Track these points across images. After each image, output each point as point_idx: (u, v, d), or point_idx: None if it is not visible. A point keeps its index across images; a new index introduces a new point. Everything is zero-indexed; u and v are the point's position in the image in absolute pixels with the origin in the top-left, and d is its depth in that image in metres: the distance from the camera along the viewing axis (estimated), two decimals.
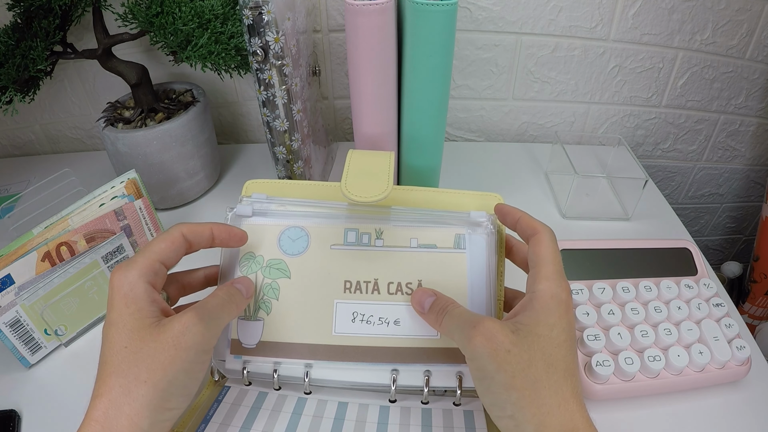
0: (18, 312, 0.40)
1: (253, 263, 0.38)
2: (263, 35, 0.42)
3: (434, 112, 0.48)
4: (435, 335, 0.36)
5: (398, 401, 0.36)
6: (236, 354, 0.37)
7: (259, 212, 0.39)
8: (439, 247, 0.37)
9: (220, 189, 0.63)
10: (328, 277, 0.37)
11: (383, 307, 0.37)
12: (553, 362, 0.27)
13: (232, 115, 0.72)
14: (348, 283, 0.37)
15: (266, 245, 0.38)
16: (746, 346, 0.40)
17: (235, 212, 0.38)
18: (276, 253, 0.38)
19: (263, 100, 0.46)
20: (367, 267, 0.37)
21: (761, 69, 0.71)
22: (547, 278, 0.30)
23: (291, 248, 0.38)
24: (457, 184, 0.64)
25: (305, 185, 0.41)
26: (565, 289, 0.30)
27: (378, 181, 0.37)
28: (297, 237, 0.38)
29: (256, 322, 0.37)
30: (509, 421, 0.27)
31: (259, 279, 0.38)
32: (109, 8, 0.53)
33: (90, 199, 0.45)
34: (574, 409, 0.26)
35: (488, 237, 0.37)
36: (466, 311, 0.31)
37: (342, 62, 0.67)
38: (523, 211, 0.35)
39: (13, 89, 0.49)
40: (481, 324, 0.28)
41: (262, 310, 0.37)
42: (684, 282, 0.45)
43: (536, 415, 0.26)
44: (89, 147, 0.74)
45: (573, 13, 0.63)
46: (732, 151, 0.81)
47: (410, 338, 0.36)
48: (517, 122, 0.74)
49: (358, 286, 0.37)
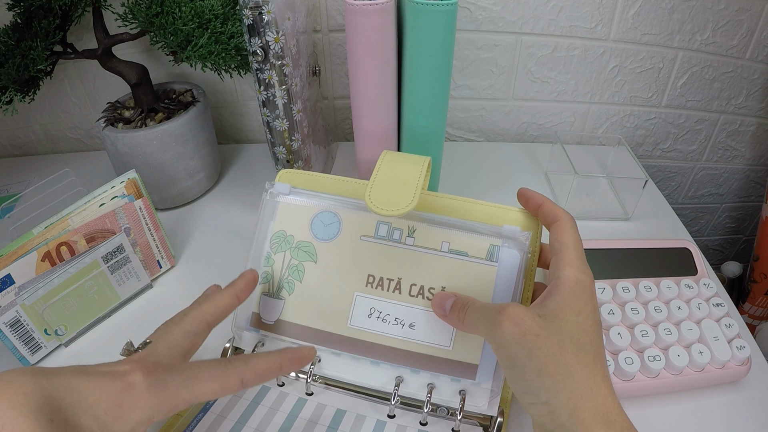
0: (18, 312, 0.40)
1: (283, 242, 0.38)
2: (263, 35, 0.42)
3: (434, 112, 0.48)
4: (447, 346, 0.35)
5: (396, 417, 0.36)
6: (255, 327, 0.38)
7: (295, 191, 0.39)
8: (470, 255, 0.36)
9: (220, 189, 0.63)
10: (353, 268, 0.37)
11: (402, 308, 0.36)
12: (583, 346, 0.27)
13: (232, 115, 0.72)
14: (371, 277, 0.37)
15: (298, 226, 0.38)
16: (746, 346, 0.40)
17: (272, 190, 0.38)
18: (307, 235, 0.38)
19: (263, 100, 0.46)
20: (393, 264, 0.37)
21: (761, 69, 0.71)
22: (571, 264, 0.29)
23: (322, 233, 0.38)
24: (457, 184, 0.64)
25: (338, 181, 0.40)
26: (589, 275, 0.30)
27: (405, 190, 0.35)
28: (329, 222, 0.38)
29: (278, 300, 0.38)
30: (543, 407, 0.26)
31: (286, 259, 0.38)
32: (109, 8, 0.53)
33: (90, 199, 0.45)
34: (606, 393, 0.26)
35: (522, 254, 0.35)
36: (488, 303, 0.31)
37: (342, 62, 0.67)
38: (545, 197, 0.35)
39: (13, 89, 0.49)
40: (506, 309, 0.27)
41: (284, 289, 0.38)
42: (684, 282, 0.45)
43: (570, 400, 0.25)
44: (89, 147, 0.74)
45: (573, 13, 0.63)
46: (732, 151, 0.81)
47: (422, 344, 0.36)
48: (517, 122, 0.74)
49: (380, 283, 0.37)
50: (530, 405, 0.27)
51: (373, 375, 0.36)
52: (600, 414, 0.25)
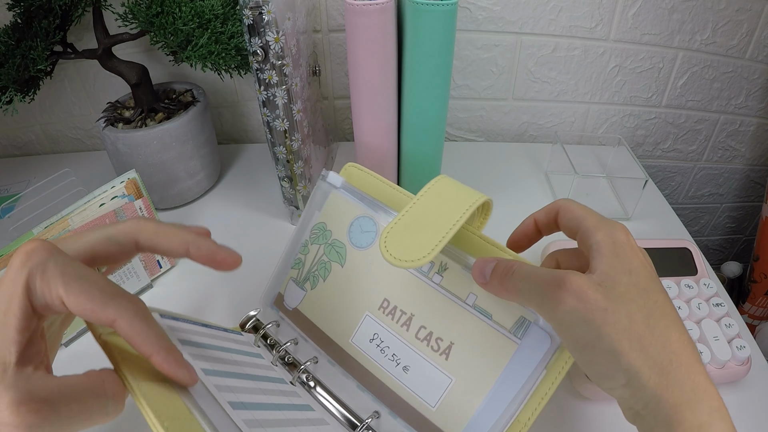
0: None
1: (321, 235, 0.38)
2: (263, 35, 0.42)
3: (434, 112, 0.48)
4: (432, 406, 0.32)
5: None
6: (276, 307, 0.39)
7: (347, 188, 0.37)
8: (494, 319, 0.31)
9: (220, 189, 0.63)
10: (373, 286, 0.35)
11: (403, 346, 0.34)
12: (650, 312, 0.24)
13: (232, 115, 0.72)
14: (386, 302, 0.35)
15: (338, 224, 0.37)
16: (746, 346, 0.40)
17: (327, 180, 0.38)
18: (343, 236, 0.37)
19: (263, 100, 0.46)
20: (412, 297, 0.34)
21: (761, 69, 0.71)
22: (598, 227, 0.26)
23: (357, 239, 0.36)
24: None
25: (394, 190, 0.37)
26: (622, 230, 0.27)
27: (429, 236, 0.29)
28: (367, 229, 0.36)
29: (301, 291, 0.38)
30: (625, 390, 0.24)
31: (319, 253, 0.37)
32: (109, 8, 0.53)
33: (90, 199, 0.45)
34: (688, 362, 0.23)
35: (553, 343, 0.29)
36: (537, 268, 0.27)
37: (342, 62, 0.67)
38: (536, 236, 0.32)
39: (13, 89, 0.49)
40: (567, 281, 0.24)
41: (309, 282, 0.38)
42: (684, 282, 0.45)
43: (651, 378, 0.23)
44: (89, 147, 0.74)
45: (573, 13, 0.63)
46: (732, 151, 0.81)
47: (409, 393, 0.33)
48: (517, 122, 0.74)
49: (393, 311, 0.34)
50: (611, 390, 0.24)
51: (356, 398, 0.35)
52: (685, 391, 0.22)
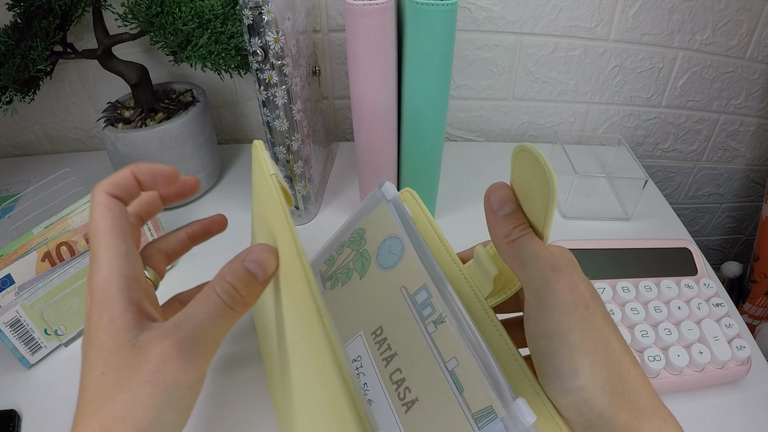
0: (18, 312, 0.40)
1: (357, 241, 0.37)
2: (263, 35, 0.42)
3: (434, 112, 0.48)
4: None
5: None
6: None
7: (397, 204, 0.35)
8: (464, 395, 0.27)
9: (220, 189, 0.63)
10: (376, 310, 0.33)
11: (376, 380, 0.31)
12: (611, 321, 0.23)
13: (232, 115, 0.72)
14: (380, 330, 0.32)
15: (374, 236, 0.36)
16: (746, 346, 0.40)
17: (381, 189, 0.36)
18: (373, 249, 0.35)
19: (263, 100, 0.46)
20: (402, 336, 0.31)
21: (761, 69, 0.71)
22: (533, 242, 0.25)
23: (383, 258, 0.34)
24: (457, 184, 0.64)
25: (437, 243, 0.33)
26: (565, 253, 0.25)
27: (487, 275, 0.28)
28: (394, 252, 0.34)
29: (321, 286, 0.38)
30: (578, 394, 0.22)
31: (348, 258, 0.37)
32: (109, 8, 0.53)
33: (90, 199, 0.45)
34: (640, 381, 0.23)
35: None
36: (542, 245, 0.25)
37: (342, 62, 0.67)
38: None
39: (13, 89, 0.49)
40: (564, 268, 0.23)
41: (331, 281, 0.37)
42: (684, 282, 0.45)
43: (608, 383, 0.22)
44: (89, 147, 0.74)
45: (573, 13, 0.63)
46: (732, 151, 0.81)
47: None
48: (517, 122, 0.74)
49: (381, 342, 0.32)
50: (562, 393, 0.23)
51: None
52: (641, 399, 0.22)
